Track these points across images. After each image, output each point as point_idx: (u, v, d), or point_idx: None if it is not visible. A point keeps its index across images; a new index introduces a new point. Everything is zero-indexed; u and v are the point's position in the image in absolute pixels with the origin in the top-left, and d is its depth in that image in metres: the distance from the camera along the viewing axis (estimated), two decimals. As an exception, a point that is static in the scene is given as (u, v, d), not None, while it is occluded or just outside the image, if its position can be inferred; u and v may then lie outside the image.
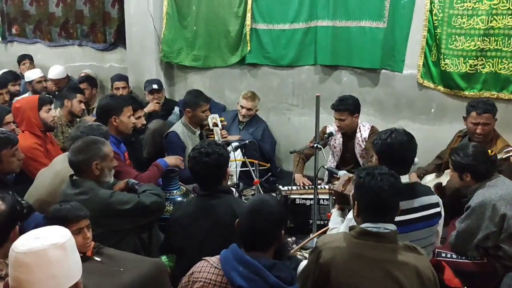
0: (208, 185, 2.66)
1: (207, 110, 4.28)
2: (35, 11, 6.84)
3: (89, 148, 2.75)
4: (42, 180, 3.15)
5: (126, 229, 2.78)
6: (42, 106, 3.76)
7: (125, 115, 3.64)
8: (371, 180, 2.04)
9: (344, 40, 4.55)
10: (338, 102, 4.03)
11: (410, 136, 2.61)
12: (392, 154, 2.54)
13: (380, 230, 1.99)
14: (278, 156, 5.12)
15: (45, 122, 3.76)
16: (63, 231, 1.65)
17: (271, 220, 1.98)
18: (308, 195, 3.61)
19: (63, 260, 1.56)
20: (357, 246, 1.99)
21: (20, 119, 3.74)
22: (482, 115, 3.46)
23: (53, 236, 1.58)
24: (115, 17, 5.98)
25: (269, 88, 5.14)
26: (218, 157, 2.63)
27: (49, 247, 1.54)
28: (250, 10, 5.00)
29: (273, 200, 2.13)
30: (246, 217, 2.01)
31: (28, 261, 1.51)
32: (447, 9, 4.02)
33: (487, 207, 2.79)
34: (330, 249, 2.00)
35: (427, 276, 1.96)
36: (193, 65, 5.51)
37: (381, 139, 2.59)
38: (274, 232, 1.99)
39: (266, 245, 1.98)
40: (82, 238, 2.31)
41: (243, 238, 1.99)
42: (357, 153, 4.15)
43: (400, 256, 1.97)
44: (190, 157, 2.70)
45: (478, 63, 3.95)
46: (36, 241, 1.55)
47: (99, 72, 6.20)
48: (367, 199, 2.06)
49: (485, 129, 3.47)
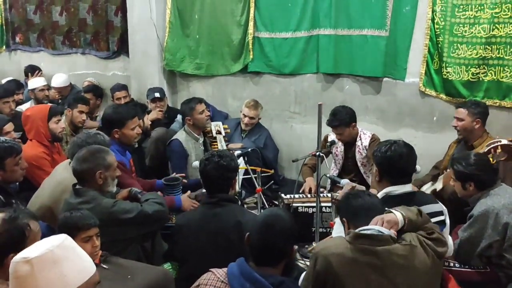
0: (216, 189, 2.67)
1: (204, 110, 4.24)
2: (39, 20, 6.88)
3: (93, 157, 2.75)
4: (44, 188, 3.16)
5: (129, 238, 2.80)
6: (52, 117, 3.79)
7: (128, 128, 3.56)
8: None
9: (346, 48, 4.56)
10: (331, 118, 4.00)
11: (409, 148, 2.61)
12: (392, 166, 2.54)
13: (373, 233, 2.01)
14: (280, 164, 5.13)
15: (54, 133, 3.79)
16: (59, 235, 1.62)
17: (284, 236, 1.97)
18: (311, 203, 3.61)
19: None
20: (352, 250, 2.00)
21: (29, 127, 3.76)
22: (457, 110, 3.73)
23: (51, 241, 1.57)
24: (118, 25, 6.02)
25: (271, 96, 5.15)
26: (230, 160, 2.70)
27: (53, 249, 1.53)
28: (253, 18, 5.02)
29: (286, 215, 2.10)
30: (258, 231, 1.98)
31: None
32: (449, 17, 4.03)
33: (490, 216, 2.79)
34: (326, 255, 2.01)
35: (424, 270, 2.00)
36: (196, 73, 5.54)
37: (381, 151, 2.59)
38: (286, 248, 1.97)
39: (277, 260, 1.97)
40: (91, 246, 2.33)
41: (254, 253, 1.97)
42: (357, 161, 4.15)
43: (395, 258, 1.98)
44: (202, 159, 2.74)
45: (480, 72, 3.96)
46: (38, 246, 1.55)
47: (102, 80, 6.23)
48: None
49: (458, 123, 3.68)
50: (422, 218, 2.18)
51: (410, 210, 2.19)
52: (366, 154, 4.07)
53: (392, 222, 2.07)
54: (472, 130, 3.65)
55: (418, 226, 2.14)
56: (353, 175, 4.17)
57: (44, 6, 6.74)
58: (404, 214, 2.11)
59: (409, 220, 2.11)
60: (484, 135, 3.65)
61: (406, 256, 2.00)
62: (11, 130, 3.82)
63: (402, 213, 2.12)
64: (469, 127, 3.65)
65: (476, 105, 3.67)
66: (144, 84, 5.58)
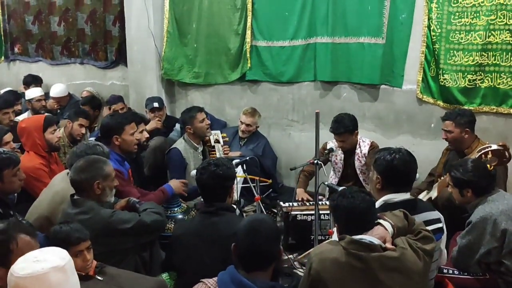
0: (213, 198, 2.67)
1: (204, 119, 4.25)
2: (37, 30, 6.93)
3: (91, 168, 2.75)
4: (42, 199, 3.16)
5: (127, 248, 2.78)
6: (47, 128, 3.79)
7: (127, 133, 3.61)
8: (343, 199, 2.19)
9: (343, 56, 4.58)
10: (335, 125, 4.01)
11: (412, 157, 2.59)
12: (396, 175, 2.51)
13: (365, 242, 2.04)
14: (279, 171, 5.13)
15: (50, 143, 3.79)
16: (62, 252, 1.63)
17: (271, 238, 2.00)
18: (309, 211, 3.61)
19: (64, 283, 1.55)
20: (345, 255, 2.03)
21: (25, 139, 3.77)
22: (444, 122, 3.70)
23: (53, 259, 1.57)
24: (116, 35, 6.05)
25: (269, 104, 5.17)
26: (226, 169, 2.70)
27: (49, 271, 1.53)
28: (250, 27, 5.05)
29: (268, 218, 2.18)
30: (245, 238, 2.00)
31: (28, 286, 1.51)
32: (445, 24, 4.05)
33: (488, 222, 2.78)
34: (320, 260, 2.05)
35: (415, 271, 2.04)
36: (194, 82, 5.56)
37: (385, 160, 2.52)
38: (274, 250, 2.00)
39: (267, 264, 1.98)
40: (81, 261, 2.28)
41: (243, 260, 1.98)
42: (357, 169, 4.15)
43: (387, 261, 2.01)
44: (198, 168, 2.74)
45: (477, 78, 3.97)
46: (36, 265, 1.54)
47: (101, 89, 6.25)
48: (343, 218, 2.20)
49: (447, 135, 3.65)
50: (408, 221, 2.22)
51: (396, 215, 2.22)
52: (365, 161, 4.07)
53: (384, 237, 2.10)
54: (462, 140, 3.62)
55: (406, 231, 2.19)
56: (353, 183, 4.17)
57: (42, 16, 6.79)
58: (393, 223, 2.15)
59: (397, 228, 2.16)
60: (475, 141, 3.62)
61: (397, 259, 2.03)
62: (10, 140, 3.83)
63: (390, 222, 2.15)
64: (459, 138, 3.62)
65: (461, 115, 3.62)
66: (142, 93, 5.60)
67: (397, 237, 2.13)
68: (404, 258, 2.04)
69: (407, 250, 2.07)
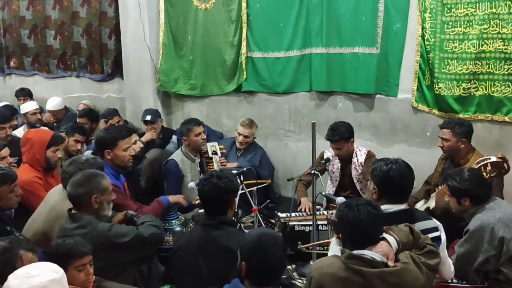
0: (214, 210, 2.66)
1: (201, 133, 4.24)
2: (33, 44, 6.93)
3: (88, 182, 2.75)
4: (38, 214, 3.15)
5: (125, 262, 2.78)
6: (51, 146, 3.78)
7: (120, 148, 3.54)
8: (348, 211, 2.16)
9: (338, 66, 4.61)
10: (331, 133, 4.03)
11: (409, 167, 2.60)
12: (393, 186, 2.52)
13: (367, 257, 2.04)
14: (276, 182, 5.13)
15: (49, 160, 3.78)
16: (53, 266, 1.63)
17: (281, 253, 2.03)
18: (307, 221, 3.61)
19: None
20: (344, 270, 2.03)
21: (26, 150, 3.77)
22: (441, 130, 3.68)
23: (47, 273, 1.57)
24: (112, 48, 6.06)
25: (265, 115, 5.18)
26: (228, 182, 2.67)
27: (48, 284, 1.54)
28: (245, 39, 5.08)
29: (273, 232, 2.21)
30: (257, 255, 1.99)
31: None
32: (439, 34, 4.09)
33: (485, 231, 2.79)
34: (320, 274, 2.06)
35: (417, 285, 2.04)
36: (190, 93, 5.57)
37: (382, 171, 2.54)
38: (285, 264, 2.05)
39: (278, 277, 2.01)
40: (84, 275, 2.29)
41: (255, 276, 1.98)
42: (354, 178, 4.16)
43: (387, 276, 2.01)
44: (201, 179, 2.74)
45: (471, 86, 3.99)
46: (31, 280, 1.53)
47: (97, 102, 6.25)
48: (348, 231, 2.19)
49: (444, 144, 3.64)
50: (413, 236, 2.20)
51: (402, 230, 2.21)
52: (362, 170, 4.08)
53: (387, 254, 2.09)
54: (458, 150, 3.60)
55: (411, 246, 2.17)
56: (350, 192, 4.19)
57: (38, 30, 6.79)
58: (398, 238, 2.14)
59: (402, 243, 2.14)
60: (470, 152, 3.61)
61: (398, 274, 2.03)
62: (7, 155, 3.82)
63: (395, 237, 2.14)
64: (455, 147, 3.60)
65: (459, 125, 3.61)
66: (139, 105, 5.60)
67: (401, 252, 2.13)
68: (405, 274, 2.04)
69: (409, 265, 2.06)
